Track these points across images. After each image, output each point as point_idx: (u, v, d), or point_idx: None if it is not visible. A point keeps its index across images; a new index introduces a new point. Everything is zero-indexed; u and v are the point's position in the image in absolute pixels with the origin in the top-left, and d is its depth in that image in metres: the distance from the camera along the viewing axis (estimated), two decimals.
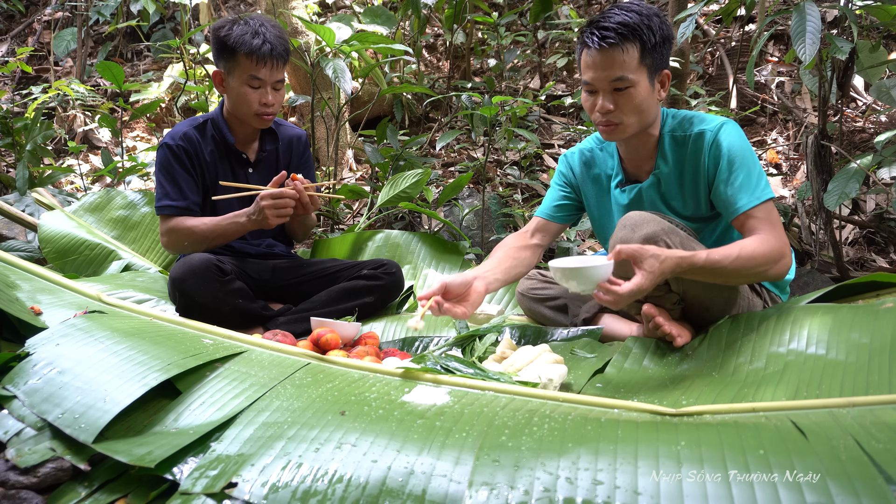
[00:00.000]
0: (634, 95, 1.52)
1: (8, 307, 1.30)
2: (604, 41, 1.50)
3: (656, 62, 1.53)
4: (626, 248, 1.35)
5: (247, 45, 1.91)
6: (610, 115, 1.54)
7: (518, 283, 1.95)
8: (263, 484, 0.90)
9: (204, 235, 1.95)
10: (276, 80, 1.98)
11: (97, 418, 1.03)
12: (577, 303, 1.81)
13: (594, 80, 1.54)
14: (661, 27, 1.52)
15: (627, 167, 1.72)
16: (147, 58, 5.44)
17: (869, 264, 2.84)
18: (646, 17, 1.50)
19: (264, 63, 1.93)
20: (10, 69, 4.09)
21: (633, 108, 1.53)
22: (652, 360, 1.43)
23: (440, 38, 4.95)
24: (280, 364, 1.29)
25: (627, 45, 1.49)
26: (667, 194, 1.64)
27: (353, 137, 3.97)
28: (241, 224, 1.93)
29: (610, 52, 1.50)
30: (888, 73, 3.22)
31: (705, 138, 1.55)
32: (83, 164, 4.09)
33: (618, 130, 1.57)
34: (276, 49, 1.95)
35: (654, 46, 1.51)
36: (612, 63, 1.50)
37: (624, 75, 1.50)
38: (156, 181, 2.03)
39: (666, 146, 1.62)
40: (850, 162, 2.25)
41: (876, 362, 1.13)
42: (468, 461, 0.91)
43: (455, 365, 1.29)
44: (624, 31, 1.48)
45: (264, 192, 1.86)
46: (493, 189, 3.42)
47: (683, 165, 1.60)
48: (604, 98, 1.54)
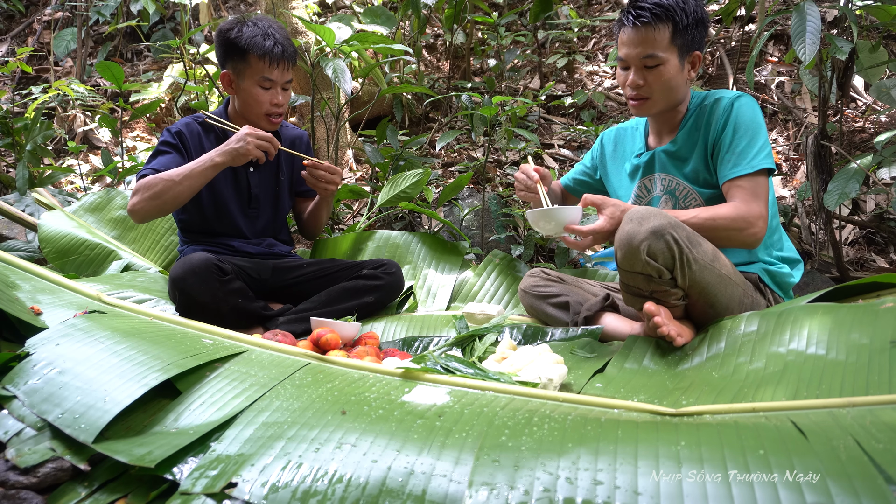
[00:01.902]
0: (664, 73, 1.63)
1: (8, 307, 1.30)
2: (638, 20, 1.61)
3: (687, 43, 1.63)
4: (591, 196, 1.61)
5: (259, 46, 1.93)
6: (639, 89, 1.66)
7: (521, 281, 1.98)
8: (263, 484, 0.90)
9: (170, 178, 1.86)
10: (286, 80, 2.02)
11: (97, 418, 1.03)
12: (578, 301, 1.81)
13: (627, 56, 1.66)
14: (696, 10, 1.62)
15: (650, 142, 1.82)
16: (147, 58, 5.44)
17: (869, 264, 2.84)
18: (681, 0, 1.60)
19: (276, 64, 1.96)
20: (10, 69, 4.09)
21: (661, 85, 1.65)
22: (652, 360, 1.43)
23: (440, 38, 4.95)
24: (280, 364, 1.29)
25: (660, 25, 1.60)
26: (680, 158, 1.72)
27: (353, 137, 3.97)
28: (213, 161, 1.87)
29: (643, 30, 1.61)
30: (888, 73, 3.22)
31: (721, 103, 1.65)
32: (83, 164, 4.09)
33: (646, 105, 1.69)
34: (287, 50, 1.98)
35: (685, 28, 1.61)
36: (644, 41, 1.61)
37: (654, 53, 1.61)
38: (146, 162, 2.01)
39: (690, 120, 1.71)
40: (850, 162, 2.25)
41: (876, 362, 1.13)
42: (468, 461, 0.91)
43: (455, 365, 1.29)
44: (658, 11, 1.59)
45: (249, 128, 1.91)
46: (493, 189, 3.42)
47: (699, 130, 1.68)
48: (635, 74, 1.65)
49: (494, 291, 2.24)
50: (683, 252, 1.45)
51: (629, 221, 1.49)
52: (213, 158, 1.88)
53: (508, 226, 3.00)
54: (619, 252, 1.50)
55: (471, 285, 2.28)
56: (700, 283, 1.49)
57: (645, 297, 1.53)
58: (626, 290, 1.58)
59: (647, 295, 1.52)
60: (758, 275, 1.70)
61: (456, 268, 2.34)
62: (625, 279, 1.55)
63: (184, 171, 1.87)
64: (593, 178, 2.01)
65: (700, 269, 1.48)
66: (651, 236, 1.43)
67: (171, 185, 1.86)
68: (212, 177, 1.90)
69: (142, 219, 1.92)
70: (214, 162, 1.87)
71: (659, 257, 1.44)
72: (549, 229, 1.60)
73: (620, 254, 1.49)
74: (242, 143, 1.87)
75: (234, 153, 1.87)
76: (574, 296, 1.84)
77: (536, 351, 1.43)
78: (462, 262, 2.37)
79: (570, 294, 1.85)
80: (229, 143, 1.89)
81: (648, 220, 1.46)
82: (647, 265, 1.45)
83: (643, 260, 1.44)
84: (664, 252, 1.44)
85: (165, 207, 1.90)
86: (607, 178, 1.95)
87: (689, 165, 1.70)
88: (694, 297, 1.53)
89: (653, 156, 1.77)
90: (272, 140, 1.91)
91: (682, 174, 1.72)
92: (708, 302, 1.53)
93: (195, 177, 1.87)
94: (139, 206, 1.88)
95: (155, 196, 1.86)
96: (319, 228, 2.33)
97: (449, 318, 2.03)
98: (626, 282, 1.55)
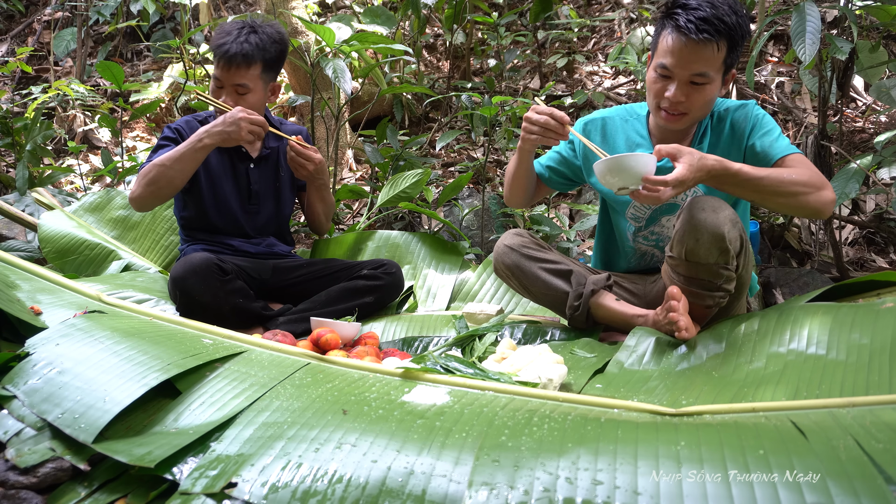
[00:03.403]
0: (708, 91, 1.52)
1: (8, 307, 1.30)
2: (700, 33, 1.45)
3: (733, 61, 1.54)
4: (665, 146, 1.40)
5: (214, 45, 1.94)
6: (679, 105, 1.53)
7: (502, 237, 1.81)
8: (263, 484, 0.90)
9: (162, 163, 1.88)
10: (236, 82, 1.97)
11: (97, 418, 1.03)
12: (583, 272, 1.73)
13: (673, 68, 1.50)
14: (746, 27, 1.50)
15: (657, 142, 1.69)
16: (147, 58, 5.44)
17: (869, 264, 2.83)
18: (741, 18, 1.48)
19: (219, 63, 1.96)
20: (10, 69, 4.09)
21: (702, 103, 1.54)
22: (652, 360, 1.43)
23: (440, 38, 4.95)
24: (280, 364, 1.29)
25: (721, 42, 1.47)
26: None
27: (353, 137, 3.97)
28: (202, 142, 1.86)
29: (701, 45, 1.46)
30: (888, 73, 3.22)
31: (748, 107, 1.59)
32: (83, 164, 4.09)
33: (683, 120, 1.57)
34: (232, 49, 1.93)
35: (739, 42, 1.50)
36: (700, 57, 1.48)
37: (706, 72, 1.49)
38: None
39: (709, 128, 1.63)
40: (850, 162, 2.25)
41: (876, 362, 1.13)
42: (468, 461, 0.91)
43: (455, 365, 1.29)
44: (721, 28, 1.45)
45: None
46: (493, 189, 3.42)
47: (720, 136, 1.61)
48: (679, 88, 1.52)
49: (494, 291, 2.23)
50: (745, 239, 1.43)
51: (701, 210, 1.41)
52: (201, 139, 1.87)
53: (508, 226, 3.00)
54: (692, 242, 1.41)
55: (471, 285, 2.28)
56: (743, 278, 1.48)
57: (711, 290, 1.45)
58: (689, 285, 1.47)
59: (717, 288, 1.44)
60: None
61: (456, 268, 2.34)
62: (690, 272, 1.45)
63: (174, 154, 1.88)
64: (572, 164, 1.82)
65: (748, 262, 1.46)
66: (730, 223, 1.38)
67: (164, 170, 1.88)
68: (202, 158, 1.90)
69: (140, 206, 1.96)
70: (203, 143, 1.87)
71: (733, 244, 1.40)
72: (623, 181, 1.37)
73: (695, 244, 1.40)
74: (235, 126, 1.85)
75: (224, 135, 1.86)
76: (575, 265, 1.75)
77: (536, 351, 1.42)
78: (462, 262, 2.37)
79: (568, 263, 1.75)
80: (217, 125, 1.86)
81: (721, 207, 1.41)
82: (724, 253, 1.39)
83: (725, 247, 1.38)
84: (736, 240, 1.40)
85: (161, 193, 1.91)
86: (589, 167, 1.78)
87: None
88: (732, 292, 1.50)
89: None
90: (263, 124, 1.90)
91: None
92: (736, 295, 1.51)
93: (186, 159, 1.88)
94: (136, 194, 1.92)
95: (150, 182, 1.89)
96: (321, 221, 2.30)
97: (449, 318, 2.03)
98: (691, 275, 1.45)
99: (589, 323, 1.71)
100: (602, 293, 1.68)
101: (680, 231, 1.45)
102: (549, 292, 1.74)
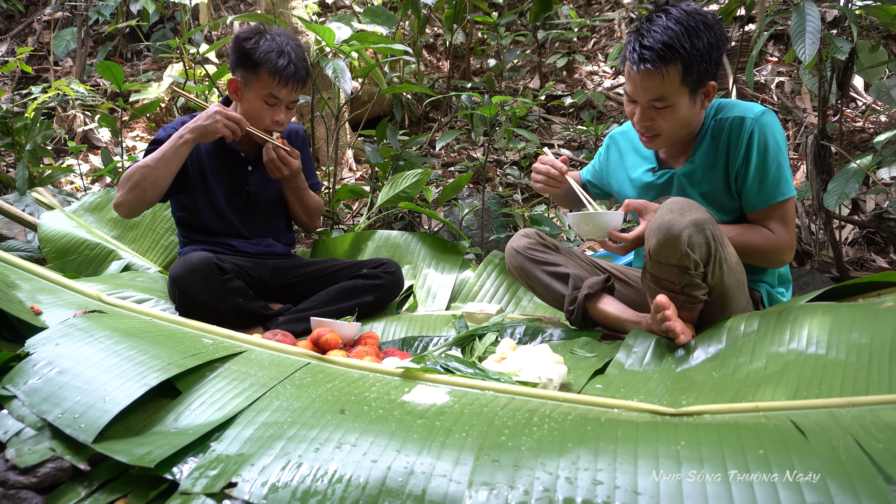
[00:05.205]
0: (674, 112, 1.52)
1: (8, 307, 1.30)
2: (643, 63, 1.46)
3: (700, 77, 1.50)
4: (633, 201, 1.57)
5: (271, 63, 1.90)
6: (649, 128, 1.56)
7: (512, 239, 1.87)
8: (263, 484, 0.90)
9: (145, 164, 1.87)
10: (293, 100, 1.99)
11: (97, 418, 1.03)
12: (578, 275, 1.75)
13: (633, 94, 1.54)
14: (709, 36, 1.46)
15: (662, 156, 1.73)
16: (147, 58, 5.44)
17: (869, 264, 2.83)
18: (692, 31, 1.45)
19: (285, 84, 1.93)
20: (9, 69, 4.09)
21: (672, 123, 1.54)
22: (652, 360, 1.43)
23: (440, 38, 4.95)
24: (280, 364, 1.29)
25: (669, 68, 1.46)
26: (698, 181, 1.64)
27: (352, 137, 3.97)
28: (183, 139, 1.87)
29: (646, 74, 1.47)
30: (888, 73, 3.23)
31: (745, 125, 1.54)
32: (83, 164, 4.09)
33: (658, 140, 1.59)
34: (300, 72, 1.95)
35: (697, 63, 1.46)
36: (651, 85, 1.49)
37: (662, 96, 1.49)
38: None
39: (707, 137, 1.62)
40: (850, 162, 2.25)
41: (876, 362, 1.13)
42: (468, 461, 0.91)
43: (455, 365, 1.29)
44: (665, 54, 1.45)
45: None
46: (493, 189, 3.42)
47: (717, 150, 1.59)
48: (642, 113, 1.55)
49: (494, 291, 2.24)
50: (718, 249, 1.42)
51: (669, 211, 1.43)
52: (182, 136, 1.87)
53: (508, 226, 3.00)
54: (654, 241, 1.44)
55: (471, 285, 2.28)
56: (723, 285, 1.47)
57: (675, 292, 1.47)
58: (654, 283, 1.51)
59: (679, 290, 1.46)
60: (761, 294, 1.68)
61: (456, 268, 2.34)
62: (655, 271, 1.48)
63: (157, 154, 1.88)
64: (602, 178, 1.92)
65: (728, 270, 1.46)
66: (693, 227, 1.39)
67: (148, 171, 1.86)
68: (185, 155, 1.90)
69: (127, 212, 1.92)
70: (185, 139, 1.87)
71: (697, 250, 1.40)
72: (591, 233, 1.57)
73: (656, 243, 1.43)
74: (211, 120, 1.86)
75: (202, 129, 1.87)
76: (574, 269, 1.77)
77: (536, 351, 1.42)
78: (462, 261, 2.37)
79: (569, 266, 1.77)
80: (198, 120, 1.88)
81: (689, 211, 1.42)
82: (685, 257, 1.40)
83: (683, 251, 1.39)
84: (702, 246, 1.40)
85: (147, 196, 1.89)
86: (609, 181, 1.88)
87: (706, 186, 1.63)
88: (712, 298, 1.50)
89: (671, 178, 1.68)
90: (240, 121, 1.90)
91: (698, 195, 1.64)
92: (721, 305, 1.51)
93: (169, 158, 1.87)
94: (120, 199, 1.90)
95: (135, 185, 1.87)
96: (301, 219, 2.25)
97: (449, 317, 2.03)
98: (656, 274, 1.49)
99: (588, 324, 1.74)
100: (599, 296, 1.70)
101: (649, 228, 1.48)
102: (550, 294, 1.79)
